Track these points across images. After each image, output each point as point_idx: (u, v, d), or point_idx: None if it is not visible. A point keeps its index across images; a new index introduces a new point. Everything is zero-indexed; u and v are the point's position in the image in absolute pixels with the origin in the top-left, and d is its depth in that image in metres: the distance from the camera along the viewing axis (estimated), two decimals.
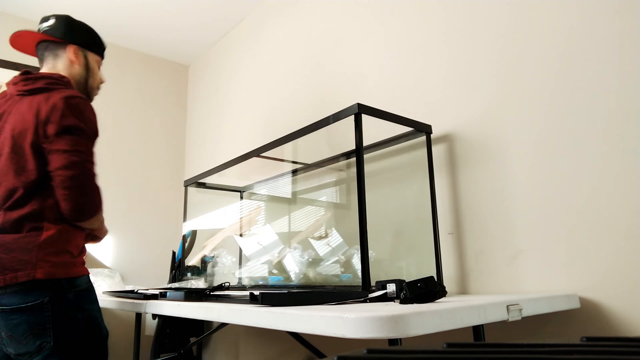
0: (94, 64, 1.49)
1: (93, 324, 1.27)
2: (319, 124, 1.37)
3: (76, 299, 1.24)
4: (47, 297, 1.18)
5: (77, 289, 1.25)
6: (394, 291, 1.07)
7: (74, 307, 1.23)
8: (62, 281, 1.21)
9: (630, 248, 1.05)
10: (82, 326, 1.23)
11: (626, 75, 1.10)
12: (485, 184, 1.36)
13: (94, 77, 1.48)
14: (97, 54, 1.51)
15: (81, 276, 1.28)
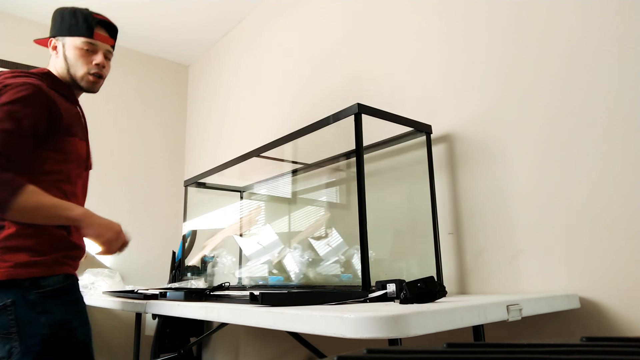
0: (73, 50, 1.32)
1: (63, 328, 1.15)
2: (319, 124, 1.37)
3: (40, 301, 1.14)
4: (9, 299, 1.12)
5: (42, 290, 1.14)
6: (394, 291, 1.07)
7: (37, 309, 1.13)
8: (24, 282, 1.13)
9: (630, 248, 1.05)
10: (45, 330, 1.13)
11: (626, 75, 1.10)
12: (485, 183, 1.36)
13: (73, 64, 1.32)
14: (77, 36, 1.33)
15: (49, 276, 1.16)
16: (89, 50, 1.34)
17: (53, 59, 1.35)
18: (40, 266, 1.15)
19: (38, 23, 2.80)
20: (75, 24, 1.35)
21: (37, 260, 1.15)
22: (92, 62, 1.34)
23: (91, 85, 1.35)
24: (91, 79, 1.34)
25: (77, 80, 1.34)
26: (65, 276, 1.20)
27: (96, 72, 1.35)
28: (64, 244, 1.22)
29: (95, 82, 1.35)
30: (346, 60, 1.93)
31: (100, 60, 1.35)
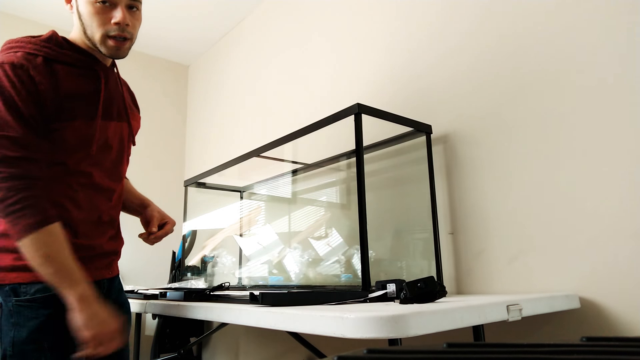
0: (86, 5, 1.03)
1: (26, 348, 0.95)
2: (319, 124, 1.37)
3: (15, 311, 0.96)
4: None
5: (19, 298, 0.96)
6: (394, 291, 1.07)
7: (11, 320, 0.96)
8: (5, 287, 0.97)
9: (630, 248, 1.05)
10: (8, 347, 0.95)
11: (627, 74, 1.10)
12: (485, 183, 1.36)
13: (89, 25, 1.04)
14: None
15: (30, 282, 0.96)
16: (105, 2, 1.02)
17: (74, 18, 1.08)
18: (22, 270, 0.96)
19: (38, 23, 2.80)
20: None
21: (20, 264, 0.96)
22: (111, 20, 1.03)
23: (113, 50, 1.05)
24: (111, 43, 1.04)
25: (95, 42, 1.05)
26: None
27: (117, 34, 1.04)
28: None
29: (118, 47, 1.05)
30: (346, 59, 1.93)
31: (121, 17, 1.03)
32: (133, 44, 1.12)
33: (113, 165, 1.15)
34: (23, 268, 0.96)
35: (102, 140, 1.08)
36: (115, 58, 1.11)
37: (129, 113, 1.20)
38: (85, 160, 1.06)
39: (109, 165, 1.13)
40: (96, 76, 1.09)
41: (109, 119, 1.10)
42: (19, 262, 0.96)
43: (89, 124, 1.04)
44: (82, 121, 1.03)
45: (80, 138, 1.04)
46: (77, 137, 1.03)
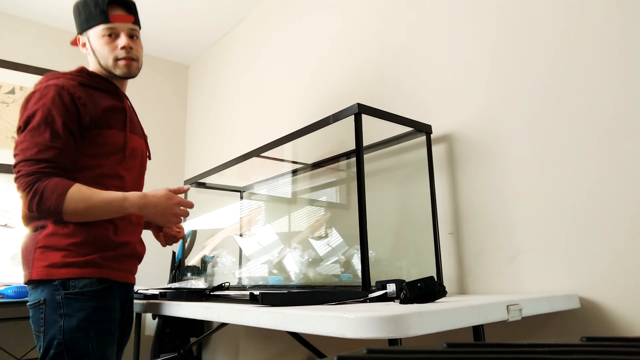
0: (96, 41, 1.28)
1: (76, 336, 1.10)
2: (319, 124, 1.37)
3: (65, 303, 1.11)
4: (42, 298, 1.12)
5: (68, 291, 1.12)
6: (394, 291, 1.07)
7: (60, 312, 1.11)
8: (54, 282, 1.12)
9: (630, 248, 1.05)
10: (60, 335, 1.09)
11: (626, 75, 1.10)
12: (485, 184, 1.36)
13: (100, 54, 1.28)
14: (95, 25, 1.27)
15: (79, 278, 1.13)
16: (110, 35, 1.27)
17: (88, 58, 1.33)
18: (71, 267, 1.13)
19: (38, 23, 2.80)
20: (90, 13, 1.28)
21: (69, 261, 1.13)
22: (118, 46, 1.27)
23: (125, 70, 1.29)
24: (122, 63, 1.28)
25: (111, 69, 1.29)
26: (98, 280, 1.15)
27: (124, 56, 1.28)
28: (103, 243, 1.18)
29: (128, 65, 1.29)
30: (346, 59, 1.93)
31: (125, 42, 1.28)
32: (141, 66, 1.35)
33: (138, 174, 1.37)
34: (72, 264, 1.13)
35: (130, 148, 1.29)
36: (127, 77, 1.33)
37: (144, 132, 1.45)
38: (119, 165, 1.26)
39: (136, 173, 1.34)
40: (119, 98, 1.33)
41: (133, 132, 1.33)
42: (68, 259, 1.13)
43: (121, 134, 1.27)
44: (116, 130, 1.26)
45: (115, 144, 1.25)
46: (113, 142, 1.25)
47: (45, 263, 1.13)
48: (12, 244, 2.35)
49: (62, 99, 1.17)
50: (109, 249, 1.19)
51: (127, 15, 1.30)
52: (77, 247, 1.15)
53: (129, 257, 1.26)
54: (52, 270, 1.13)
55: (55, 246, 1.15)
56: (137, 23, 1.32)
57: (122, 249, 1.22)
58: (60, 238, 1.15)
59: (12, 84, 2.66)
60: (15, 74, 2.68)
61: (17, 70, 2.68)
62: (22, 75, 2.69)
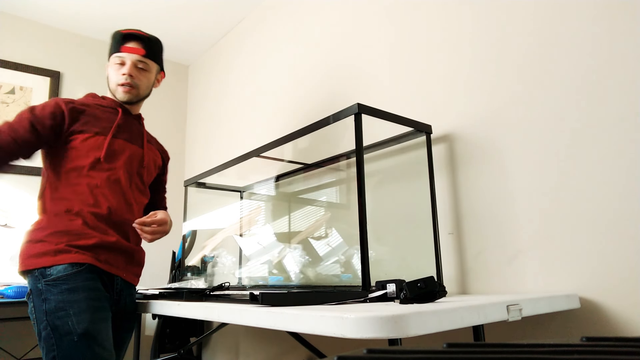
0: (110, 68, 1.47)
1: (56, 315, 1.20)
2: (319, 124, 1.37)
3: (45, 289, 1.22)
4: (29, 289, 1.26)
5: (47, 278, 1.23)
6: (394, 291, 1.07)
7: (42, 297, 1.22)
8: (34, 272, 1.24)
9: (630, 248, 1.05)
10: (44, 317, 1.20)
11: (626, 75, 1.10)
12: (486, 183, 1.36)
13: (109, 80, 1.47)
14: (112, 55, 1.48)
15: (53, 265, 1.23)
16: (119, 63, 1.44)
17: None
18: (45, 256, 1.24)
19: (38, 23, 2.80)
20: (112, 46, 1.47)
21: (43, 250, 1.25)
22: (120, 73, 1.43)
23: (123, 95, 1.44)
24: (121, 89, 1.43)
25: (114, 93, 1.45)
26: (71, 265, 1.24)
27: (123, 82, 1.42)
28: (73, 233, 1.28)
29: (127, 92, 1.43)
30: (346, 60, 1.93)
31: (127, 70, 1.42)
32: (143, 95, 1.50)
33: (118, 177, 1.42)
34: (46, 253, 1.24)
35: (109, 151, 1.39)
36: (125, 102, 1.47)
37: (145, 144, 1.53)
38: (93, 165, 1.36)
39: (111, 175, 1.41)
40: (116, 112, 1.46)
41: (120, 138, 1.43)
42: (43, 249, 1.25)
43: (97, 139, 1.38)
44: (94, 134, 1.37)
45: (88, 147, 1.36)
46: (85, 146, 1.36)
47: (26, 255, 1.27)
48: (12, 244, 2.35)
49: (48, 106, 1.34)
50: (79, 238, 1.28)
51: (138, 48, 1.45)
52: (50, 236, 1.27)
53: (105, 249, 1.32)
54: (32, 260, 1.25)
55: (34, 239, 1.28)
56: (149, 57, 1.47)
57: (94, 240, 1.30)
58: (38, 231, 1.29)
59: (12, 84, 2.66)
60: (15, 74, 2.68)
61: (17, 70, 2.68)
62: (22, 75, 2.69)
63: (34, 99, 2.71)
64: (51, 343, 1.19)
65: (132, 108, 1.51)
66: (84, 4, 2.60)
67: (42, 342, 1.21)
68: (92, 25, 2.83)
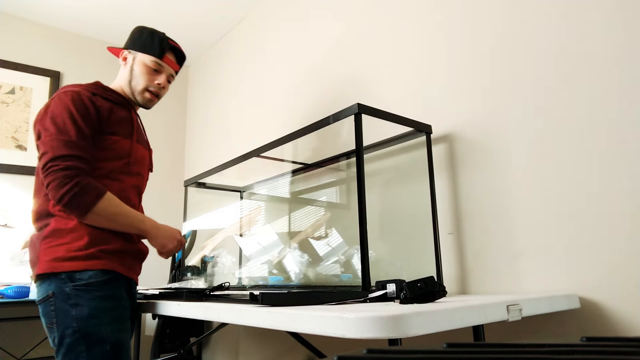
0: (140, 65, 1.43)
1: (90, 323, 1.17)
2: (319, 124, 1.37)
3: (74, 294, 1.18)
4: (51, 291, 1.19)
5: (75, 283, 1.19)
6: (394, 291, 1.07)
7: (70, 302, 1.18)
8: (61, 275, 1.19)
9: (630, 248, 1.05)
10: (74, 323, 1.16)
11: (626, 75, 1.10)
12: (486, 184, 1.36)
13: (137, 78, 1.43)
14: (147, 53, 1.43)
15: (83, 270, 1.20)
16: (155, 69, 1.44)
17: (120, 69, 1.46)
18: (75, 260, 1.20)
19: (38, 23, 2.80)
20: (150, 43, 1.43)
21: (72, 255, 1.21)
22: (155, 81, 1.44)
23: (146, 101, 1.45)
24: (148, 95, 1.44)
25: (135, 93, 1.44)
26: (102, 271, 1.22)
27: (155, 91, 1.45)
28: (103, 239, 1.25)
29: (151, 100, 1.46)
30: (346, 60, 1.93)
31: (163, 81, 1.45)
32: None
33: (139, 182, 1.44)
34: (75, 258, 1.20)
35: (134, 156, 1.39)
36: (143, 107, 1.49)
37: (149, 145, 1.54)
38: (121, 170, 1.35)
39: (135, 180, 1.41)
40: (129, 111, 1.43)
41: (139, 142, 1.43)
42: (71, 253, 1.20)
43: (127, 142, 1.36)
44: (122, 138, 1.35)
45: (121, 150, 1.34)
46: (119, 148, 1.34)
47: (50, 257, 1.20)
48: (12, 244, 2.35)
49: (82, 101, 1.27)
50: (109, 242, 1.26)
51: (176, 63, 1.49)
52: (79, 241, 1.22)
53: (129, 255, 1.32)
54: (57, 263, 1.19)
55: (59, 241, 1.22)
56: (177, 73, 1.52)
57: (122, 246, 1.29)
58: (63, 233, 1.22)
59: (12, 84, 2.66)
60: (15, 74, 2.68)
61: (17, 70, 2.68)
62: (22, 75, 2.69)
63: (34, 99, 2.71)
64: (80, 350, 1.15)
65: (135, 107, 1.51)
66: (84, 4, 2.60)
67: (65, 348, 1.16)
68: (92, 25, 2.83)
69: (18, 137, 2.62)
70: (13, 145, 2.59)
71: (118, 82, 1.45)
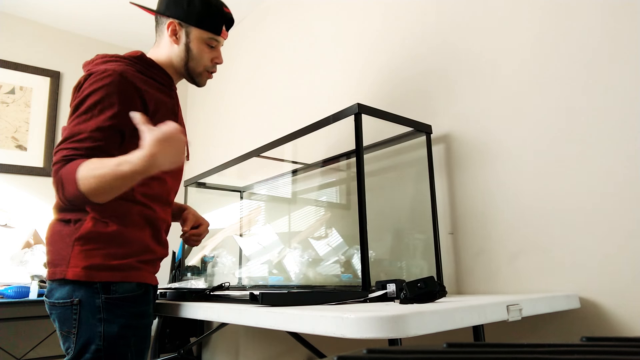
0: (198, 43, 1.23)
1: (117, 343, 1.05)
2: (319, 124, 1.37)
3: (105, 307, 1.05)
4: (77, 298, 1.05)
5: (110, 295, 1.05)
6: (394, 291, 1.07)
7: (99, 316, 1.04)
8: (95, 284, 1.05)
9: (630, 248, 1.05)
10: (100, 341, 1.04)
11: (625, 75, 1.10)
12: (486, 183, 1.36)
13: (196, 59, 1.24)
14: (206, 29, 1.22)
15: (121, 282, 1.07)
16: (211, 46, 1.26)
17: (166, 43, 1.24)
18: (113, 270, 1.06)
19: (38, 23, 2.80)
20: (207, 16, 1.22)
21: (111, 263, 1.06)
22: (214, 59, 1.27)
23: (204, 81, 1.30)
24: (206, 76, 1.29)
25: (194, 74, 1.26)
26: (138, 285, 1.10)
27: (213, 70, 1.29)
28: (143, 246, 1.13)
29: (208, 78, 1.30)
30: (346, 60, 1.93)
31: (221, 57, 1.29)
32: None
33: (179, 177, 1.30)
34: (114, 268, 1.06)
35: None
36: (198, 86, 1.31)
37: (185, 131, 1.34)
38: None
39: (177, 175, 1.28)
40: (172, 94, 1.25)
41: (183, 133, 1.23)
42: (110, 261, 1.06)
43: None
44: None
45: None
46: None
47: (85, 263, 1.05)
48: (12, 244, 2.35)
49: (120, 89, 1.06)
50: (147, 252, 1.14)
51: (226, 32, 1.29)
52: (119, 248, 1.08)
53: (159, 260, 1.22)
54: (93, 272, 1.05)
55: (97, 246, 1.06)
56: None
57: (157, 252, 1.17)
58: (102, 238, 1.07)
59: (12, 84, 2.66)
60: (15, 74, 2.68)
61: (17, 70, 2.68)
62: (22, 75, 2.70)
63: (34, 99, 2.71)
64: None
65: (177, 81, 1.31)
66: (84, 4, 2.60)
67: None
68: (92, 25, 2.83)
69: (18, 137, 2.62)
70: (13, 145, 2.59)
71: (164, 57, 1.24)
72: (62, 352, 1.13)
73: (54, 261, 1.08)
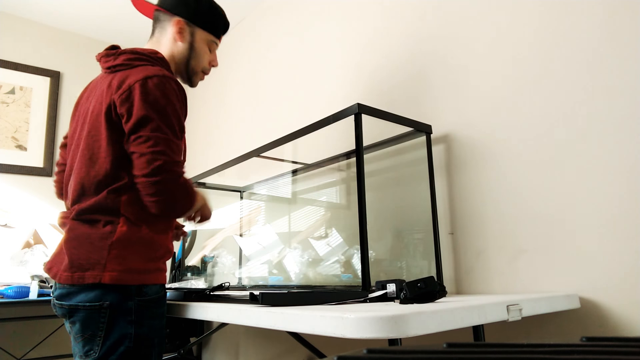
0: (201, 43, 1.27)
1: (143, 344, 1.06)
2: (319, 124, 1.37)
3: (135, 309, 1.05)
4: (107, 302, 1.03)
5: (141, 298, 1.07)
6: (394, 291, 1.07)
7: (129, 318, 1.05)
8: (130, 287, 1.05)
9: (630, 248, 1.05)
10: (130, 343, 1.04)
11: (626, 75, 1.10)
12: (486, 183, 1.36)
13: (197, 58, 1.27)
14: (209, 32, 1.28)
15: (151, 284, 1.09)
16: (211, 49, 1.32)
17: (171, 41, 1.25)
18: (147, 273, 1.09)
19: (38, 23, 2.80)
20: (213, 20, 1.30)
21: (146, 266, 1.09)
22: (211, 62, 1.33)
23: (198, 81, 1.33)
24: (200, 77, 1.32)
25: (191, 72, 1.29)
26: (161, 286, 1.13)
27: (207, 73, 1.34)
28: (166, 249, 1.16)
29: (201, 79, 1.34)
30: (346, 60, 1.93)
31: (217, 61, 1.35)
32: None
33: None
34: (148, 270, 1.09)
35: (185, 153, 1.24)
36: (191, 86, 1.34)
37: None
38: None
39: None
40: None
41: None
42: (146, 264, 1.09)
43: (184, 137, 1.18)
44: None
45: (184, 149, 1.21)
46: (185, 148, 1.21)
47: (123, 267, 1.04)
48: (12, 244, 2.35)
49: (179, 98, 1.10)
50: (167, 253, 1.17)
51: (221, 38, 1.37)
52: (152, 251, 1.11)
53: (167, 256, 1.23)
54: (130, 275, 1.05)
55: (133, 250, 1.07)
56: None
57: (171, 254, 1.21)
58: (138, 241, 1.08)
59: (12, 84, 2.66)
60: (15, 74, 2.68)
61: (17, 70, 2.68)
62: (22, 75, 2.70)
63: (34, 99, 2.71)
64: None
65: None
66: (84, 4, 2.60)
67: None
68: (92, 25, 2.83)
69: (18, 137, 2.62)
70: (13, 145, 2.59)
71: (170, 53, 1.25)
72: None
73: (82, 265, 1.04)
